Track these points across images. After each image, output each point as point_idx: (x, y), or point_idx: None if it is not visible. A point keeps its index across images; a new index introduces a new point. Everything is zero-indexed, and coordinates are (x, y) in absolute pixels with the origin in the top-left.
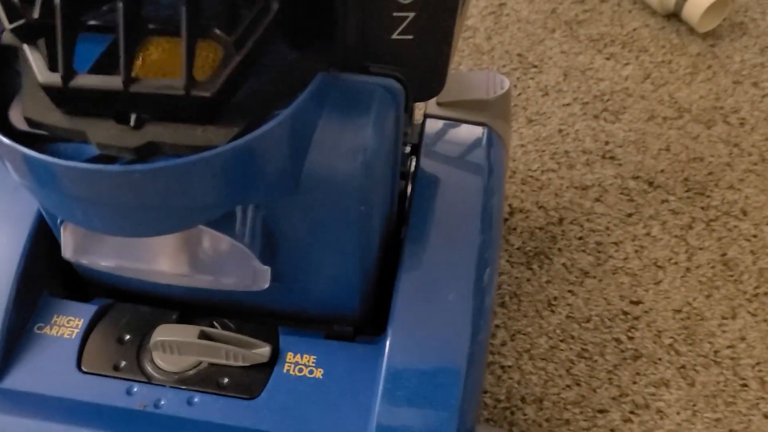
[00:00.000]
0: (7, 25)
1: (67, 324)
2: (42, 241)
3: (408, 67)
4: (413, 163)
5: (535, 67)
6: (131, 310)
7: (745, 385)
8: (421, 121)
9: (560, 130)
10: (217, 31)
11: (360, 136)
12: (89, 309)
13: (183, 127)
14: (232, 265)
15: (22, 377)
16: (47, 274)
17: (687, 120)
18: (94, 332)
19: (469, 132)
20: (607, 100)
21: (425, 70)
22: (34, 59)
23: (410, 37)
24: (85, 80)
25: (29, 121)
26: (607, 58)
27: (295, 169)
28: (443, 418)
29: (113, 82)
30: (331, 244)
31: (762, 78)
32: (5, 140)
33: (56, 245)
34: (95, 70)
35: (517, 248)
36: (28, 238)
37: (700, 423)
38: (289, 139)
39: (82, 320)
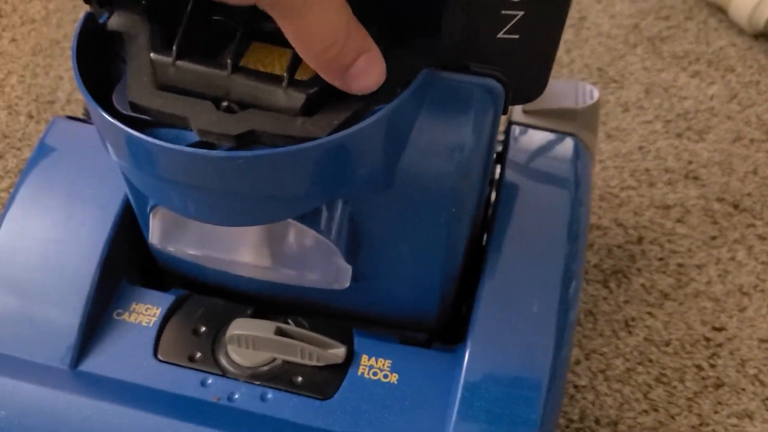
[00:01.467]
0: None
1: (145, 312)
2: (125, 229)
3: (511, 67)
4: (497, 171)
5: (616, 82)
6: (207, 302)
7: None
8: (506, 129)
9: (641, 147)
10: None
11: (458, 135)
12: (167, 298)
13: (282, 117)
14: (315, 261)
15: (101, 362)
16: (127, 262)
17: None
18: (170, 322)
19: (556, 142)
20: (691, 119)
21: (528, 71)
22: (151, 33)
23: (516, 36)
24: (194, 62)
25: (133, 106)
26: (692, 77)
27: (390, 165)
28: (523, 427)
29: (219, 67)
30: (417, 245)
31: None
32: (116, 122)
33: (138, 234)
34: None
35: (594, 265)
36: (113, 225)
37: None
38: (387, 135)
39: (159, 309)
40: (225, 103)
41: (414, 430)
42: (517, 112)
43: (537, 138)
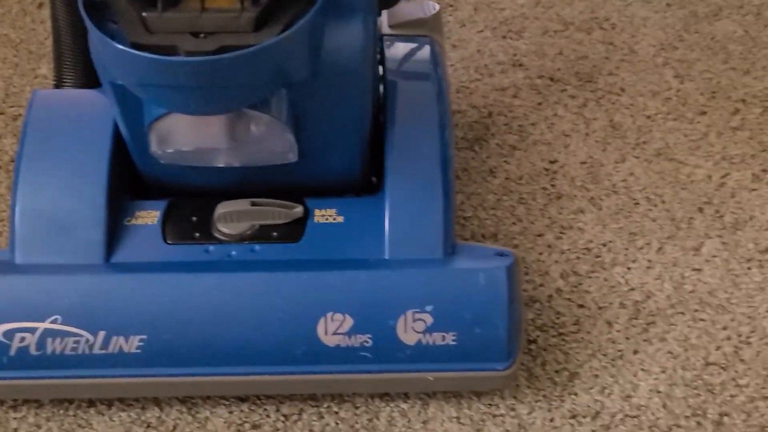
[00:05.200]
0: None
1: (148, 215)
2: (118, 161)
3: None
4: (381, 70)
5: (452, 5)
6: (192, 200)
7: (636, 203)
8: (380, 40)
9: (479, 50)
10: None
11: (356, 30)
12: (162, 204)
13: (241, 34)
14: (272, 139)
15: (126, 253)
16: (125, 185)
17: (572, 30)
18: (169, 218)
19: (416, 42)
20: (510, 24)
21: None
22: (137, 2)
23: None
24: (173, 12)
25: (134, 44)
26: None
27: (314, 58)
28: (433, 233)
29: (191, 11)
30: (339, 116)
31: None
32: (139, 53)
33: (129, 163)
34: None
35: (462, 138)
36: (109, 159)
37: (609, 232)
38: (308, 37)
39: (158, 211)
40: (202, 34)
41: (361, 252)
42: (385, 27)
43: (403, 42)
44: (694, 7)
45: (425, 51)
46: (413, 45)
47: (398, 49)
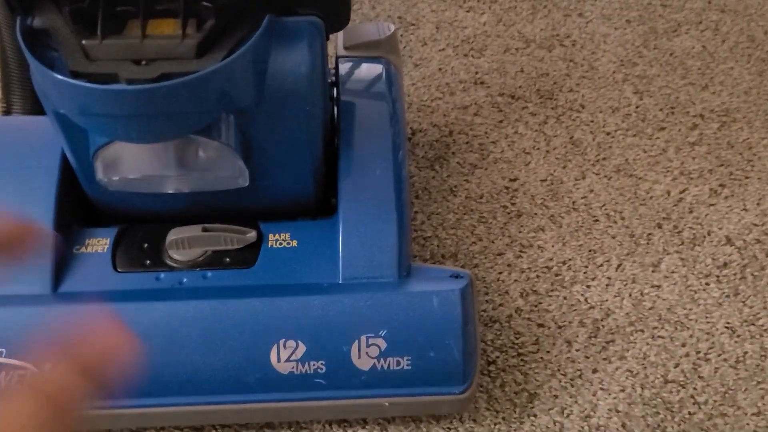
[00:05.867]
0: (67, 7)
1: (98, 243)
2: (65, 189)
3: (323, 8)
4: (335, 92)
5: (414, 24)
6: (142, 227)
7: (596, 220)
8: (335, 61)
9: (440, 69)
10: (205, 3)
11: (300, 54)
12: (112, 231)
13: (182, 61)
14: (221, 165)
15: (75, 282)
16: (73, 212)
17: (533, 48)
18: (120, 245)
19: (370, 63)
20: (472, 42)
21: (336, 9)
22: (72, 26)
23: None
24: (114, 39)
25: (74, 73)
26: (467, 11)
27: (259, 83)
28: (387, 256)
29: (132, 38)
30: (289, 140)
31: (584, 10)
32: (79, 83)
33: (77, 190)
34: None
35: (422, 157)
36: (57, 186)
37: (569, 249)
38: (253, 62)
39: (108, 239)
40: (143, 62)
41: (316, 274)
42: (340, 48)
43: (357, 63)
44: (654, 24)
45: (379, 72)
46: (367, 66)
47: (352, 71)
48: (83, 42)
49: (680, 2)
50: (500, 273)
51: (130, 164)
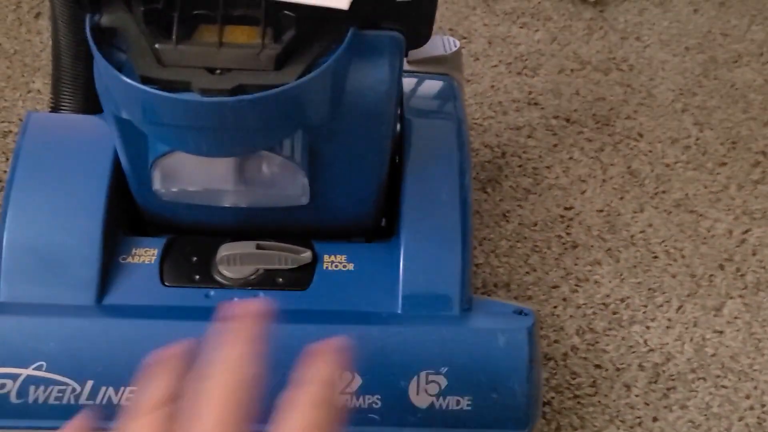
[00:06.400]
0: (141, 7)
1: (145, 253)
2: (116, 194)
3: (406, 22)
4: (399, 108)
5: (465, 38)
6: (192, 239)
7: (655, 257)
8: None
9: (492, 86)
10: (287, 12)
11: (382, 72)
12: (160, 241)
13: (260, 73)
14: (284, 181)
15: (120, 294)
16: (121, 219)
17: (589, 70)
18: (168, 257)
19: (436, 80)
20: (526, 60)
21: (418, 24)
22: (145, 27)
23: (409, 0)
24: (188, 45)
25: (144, 78)
26: (521, 27)
27: (335, 100)
28: (451, 287)
29: (207, 44)
30: (357, 159)
31: (642, 33)
32: (149, 89)
33: (127, 196)
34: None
35: (474, 178)
36: (107, 191)
37: (627, 286)
38: (333, 78)
39: (156, 249)
40: (218, 71)
41: (372, 305)
42: (403, 64)
43: (422, 80)
44: (714, 53)
45: (446, 90)
46: (432, 83)
47: (416, 88)
48: (156, 45)
49: (740, 33)
50: (555, 307)
51: (190, 176)
